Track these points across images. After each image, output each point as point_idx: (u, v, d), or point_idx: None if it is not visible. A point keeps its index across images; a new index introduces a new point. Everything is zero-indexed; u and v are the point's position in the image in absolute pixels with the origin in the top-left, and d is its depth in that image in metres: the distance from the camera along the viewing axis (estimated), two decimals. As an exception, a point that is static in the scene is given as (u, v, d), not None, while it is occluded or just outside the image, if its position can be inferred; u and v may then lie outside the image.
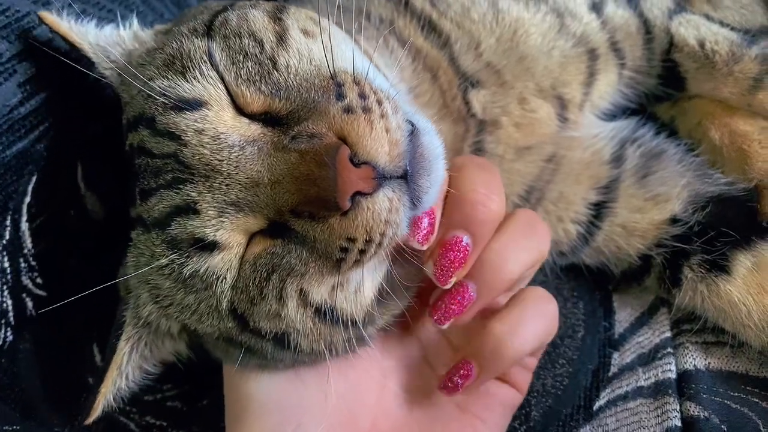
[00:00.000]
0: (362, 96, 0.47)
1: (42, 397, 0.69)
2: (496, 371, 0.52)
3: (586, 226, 0.69)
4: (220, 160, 0.47)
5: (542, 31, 0.67)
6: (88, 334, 0.73)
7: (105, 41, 0.61)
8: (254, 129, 0.48)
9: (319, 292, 0.48)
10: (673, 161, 0.70)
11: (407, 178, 0.46)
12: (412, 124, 0.48)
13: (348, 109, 0.46)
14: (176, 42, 0.52)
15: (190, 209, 0.48)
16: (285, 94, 0.48)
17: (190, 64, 0.50)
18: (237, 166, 0.47)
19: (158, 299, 0.53)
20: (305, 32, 0.52)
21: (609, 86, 0.72)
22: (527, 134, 0.66)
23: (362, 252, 0.46)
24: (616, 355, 0.67)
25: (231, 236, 0.48)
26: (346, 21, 0.60)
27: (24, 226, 0.67)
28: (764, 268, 0.62)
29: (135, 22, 0.63)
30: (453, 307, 0.51)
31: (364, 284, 0.49)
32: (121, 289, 0.58)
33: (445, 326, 0.52)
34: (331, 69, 0.49)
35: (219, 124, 0.48)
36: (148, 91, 0.50)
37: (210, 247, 0.48)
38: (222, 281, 0.48)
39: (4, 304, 0.67)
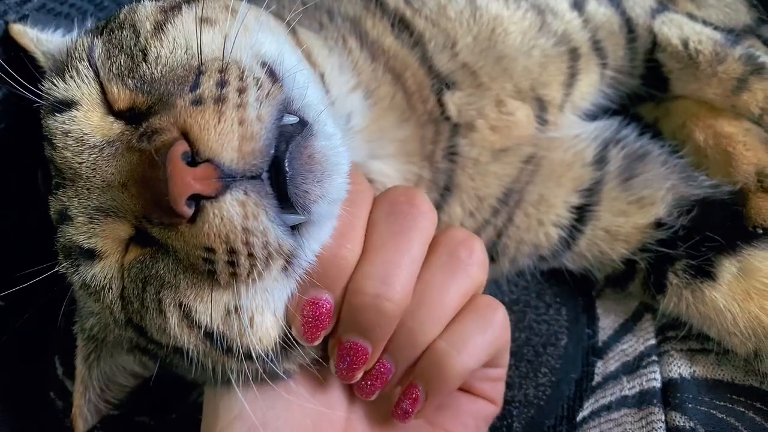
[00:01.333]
0: (220, 84, 0.42)
1: (2, 413, 0.66)
2: (443, 391, 0.48)
3: (568, 230, 0.67)
4: (80, 163, 0.45)
5: (522, 29, 0.65)
6: (49, 346, 0.69)
7: (56, 49, 0.59)
8: (116, 128, 0.45)
9: (205, 313, 0.44)
10: (658, 163, 0.68)
11: (279, 178, 0.40)
12: (305, 123, 0.43)
13: (197, 101, 0.41)
14: (72, 42, 0.51)
15: (65, 216, 0.46)
16: (148, 87, 0.45)
17: (70, 63, 0.48)
18: (94, 169, 0.44)
19: (91, 309, 0.51)
20: (202, 20, 0.48)
21: (590, 87, 0.70)
22: (504, 137, 0.64)
23: (232, 264, 0.41)
24: (599, 363, 0.65)
25: (105, 243, 0.46)
26: (307, 19, 0.58)
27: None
28: (750, 274, 0.61)
29: (89, 26, 0.61)
30: (375, 383, 0.48)
31: (263, 317, 0.45)
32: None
33: (372, 398, 0.49)
34: (200, 57, 0.45)
35: (85, 124, 0.46)
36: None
37: (88, 255, 0.46)
38: (109, 291, 0.46)
39: (-40, 316, 0.64)
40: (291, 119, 0.43)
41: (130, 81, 0.46)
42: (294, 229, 0.43)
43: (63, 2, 0.69)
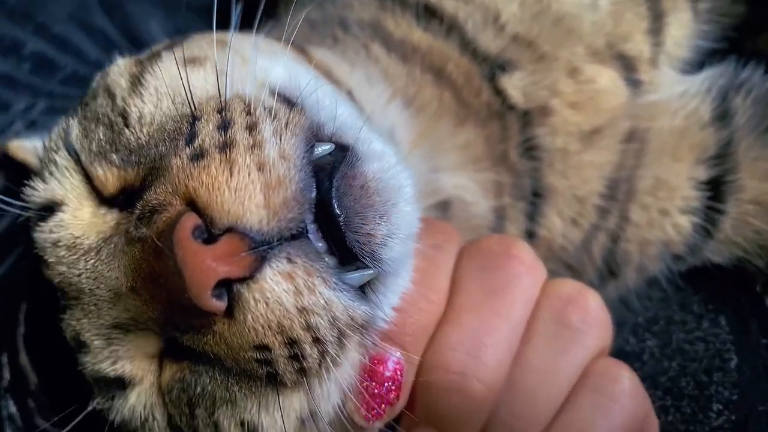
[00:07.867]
0: (223, 126, 0.35)
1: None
2: None
3: (702, 214, 0.57)
4: (78, 275, 0.39)
5: None
6: None
7: None
8: (109, 219, 0.39)
9: (274, 427, 0.37)
10: (799, 102, 0.56)
11: (330, 226, 0.33)
12: (345, 148, 0.36)
13: (196, 155, 0.34)
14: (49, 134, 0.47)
15: (79, 343, 0.41)
16: (136, 157, 0.38)
17: (47, 157, 0.43)
18: (96, 278, 0.38)
19: None
20: (189, 60, 0.42)
21: (684, 29, 0.60)
22: (590, 113, 0.55)
23: (296, 357, 0.34)
24: (795, 384, 0.50)
25: (134, 366, 0.40)
26: (317, 37, 0.54)
27: (24, 360, 0.61)
28: None
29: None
30: None
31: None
32: None
33: None
34: (191, 101, 0.38)
35: (75, 226, 0.40)
36: None
37: (118, 384, 0.40)
38: (154, 422, 0.40)
39: (20, 455, 0.60)
40: (324, 147, 0.36)
41: (114, 156, 0.40)
42: (364, 287, 0.36)
43: (71, 98, 0.67)
